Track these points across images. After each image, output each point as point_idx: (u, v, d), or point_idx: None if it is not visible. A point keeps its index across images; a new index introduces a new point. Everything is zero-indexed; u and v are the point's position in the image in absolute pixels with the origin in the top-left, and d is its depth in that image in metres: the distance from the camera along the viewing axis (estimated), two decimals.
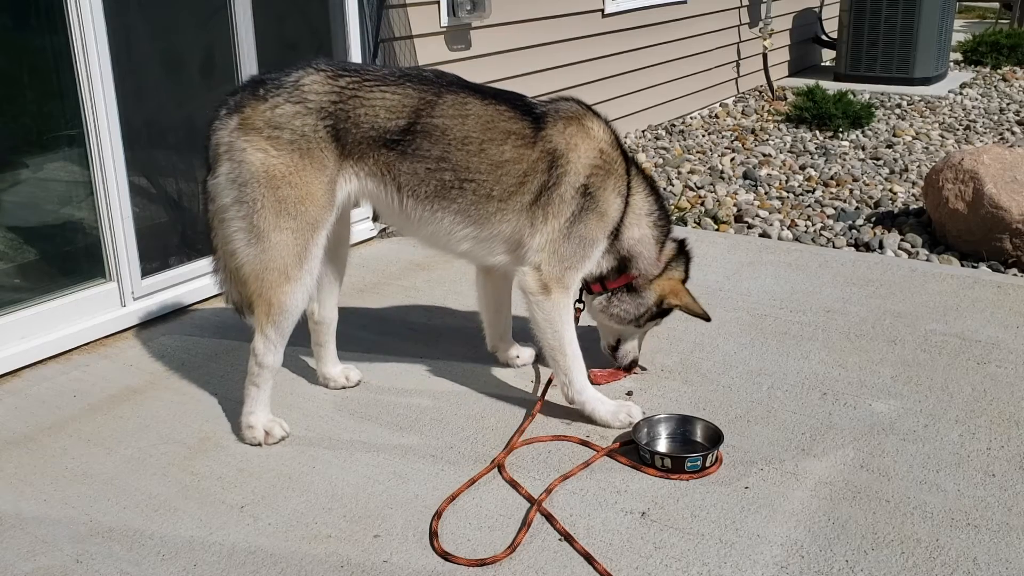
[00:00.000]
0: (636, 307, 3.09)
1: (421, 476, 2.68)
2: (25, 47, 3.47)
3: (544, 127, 2.86)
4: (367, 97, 2.75)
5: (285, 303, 2.75)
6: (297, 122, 2.70)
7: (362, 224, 4.67)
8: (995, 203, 4.44)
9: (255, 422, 2.85)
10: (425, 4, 4.94)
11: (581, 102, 2.99)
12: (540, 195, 2.84)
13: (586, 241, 2.88)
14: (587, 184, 2.85)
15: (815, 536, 2.40)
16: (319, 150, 2.72)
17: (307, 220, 2.72)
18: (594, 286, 3.08)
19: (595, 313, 3.16)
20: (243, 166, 2.69)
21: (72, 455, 2.82)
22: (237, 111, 2.72)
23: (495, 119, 2.84)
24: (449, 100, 2.81)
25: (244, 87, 2.80)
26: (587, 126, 2.90)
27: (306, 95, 2.72)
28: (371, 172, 2.80)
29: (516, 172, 2.83)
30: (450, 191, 2.83)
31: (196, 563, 2.32)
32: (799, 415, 3.00)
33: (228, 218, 2.74)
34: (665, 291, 3.09)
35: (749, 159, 6.53)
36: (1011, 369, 3.28)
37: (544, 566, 2.30)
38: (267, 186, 2.68)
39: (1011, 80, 9.55)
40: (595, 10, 6.47)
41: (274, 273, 2.73)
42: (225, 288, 2.97)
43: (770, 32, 8.55)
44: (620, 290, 3.07)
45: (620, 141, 3.00)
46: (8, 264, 3.55)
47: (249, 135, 2.69)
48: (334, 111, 2.73)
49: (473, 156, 2.81)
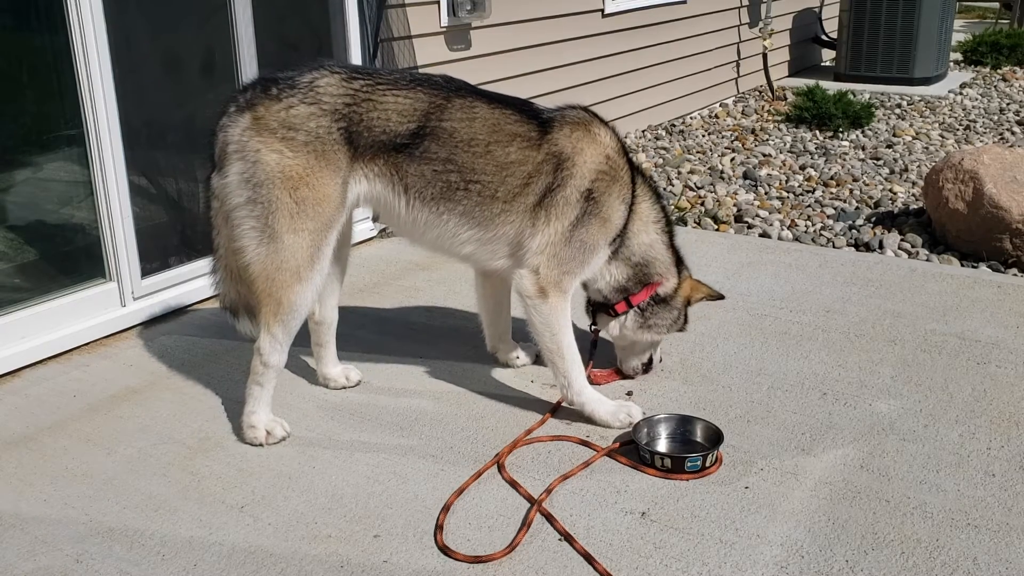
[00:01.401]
0: (670, 313, 3.14)
1: (421, 476, 2.68)
2: (25, 47, 3.47)
3: (551, 131, 2.87)
4: (380, 100, 2.76)
5: (295, 302, 2.75)
6: (312, 123, 2.69)
7: (362, 224, 4.67)
8: (995, 203, 4.44)
9: (256, 422, 2.85)
10: (425, 4, 4.94)
11: (589, 110, 3.00)
12: (544, 197, 2.85)
13: (587, 246, 2.89)
14: (591, 189, 2.86)
15: (815, 536, 2.40)
16: (333, 152, 2.72)
17: (322, 221, 2.73)
18: (618, 306, 3.09)
19: (629, 333, 3.13)
20: (258, 166, 2.68)
21: (72, 455, 2.82)
22: (249, 110, 2.70)
23: (501, 122, 2.85)
24: (457, 104, 2.83)
25: (255, 85, 2.78)
26: (594, 132, 2.91)
27: (321, 96, 2.71)
28: (380, 174, 2.81)
29: (521, 173, 2.84)
30: (456, 192, 2.83)
31: (196, 563, 2.32)
32: (799, 415, 3.00)
33: (239, 217, 2.73)
34: (687, 291, 3.16)
35: (749, 159, 6.53)
36: (1011, 369, 3.28)
37: (544, 566, 2.30)
38: (283, 187, 2.68)
39: (1011, 80, 9.55)
40: (595, 10, 6.47)
41: (286, 273, 2.72)
42: (222, 289, 2.96)
43: (770, 32, 8.54)
44: (648, 303, 3.09)
45: (626, 149, 3.01)
46: (8, 264, 3.55)
47: (263, 135, 2.68)
48: (348, 113, 2.73)
49: (479, 157, 2.81)
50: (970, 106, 8.25)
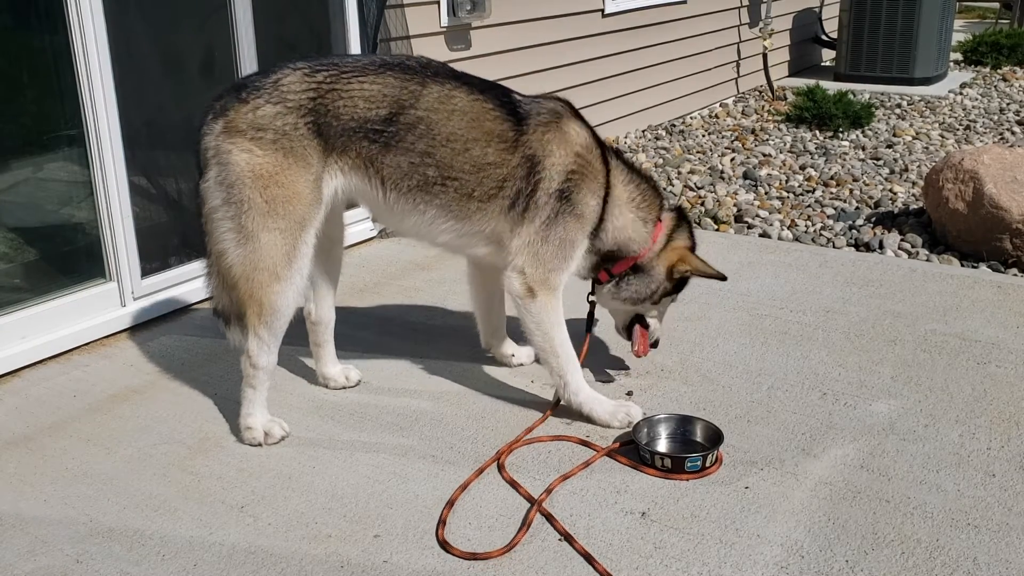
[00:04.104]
0: (646, 285, 3.08)
1: (421, 476, 2.68)
2: (25, 47, 3.47)
3: (525, 131, 2.86)
4: (345, 89, 2.75)
5: (276, 303, 2.75)
6: (279, 122, 2.71)
7: (362, 224, 4.67)
8: (995, 203, 4.44)
9: (254, 423, 2.85)
10: (425, 4, 4.94)
11: (565, 102, 2.97)
12: (517, 200, 2.86)
13: (566, 243, 2.89)
14: (562, 189, 2.85)
15: (815, 536, 2.40)
16: (302, 148, 2.73)
17: (295, 219, 2.73)
18: (601, 275, 3.08)
19: (607, 301, 3.16)
20: (229, 168, 2.71)
21: (72, 455, 2.82)
22: (222, 115, 2.74)
23: (481, 117, 2.83)
24: (435, 92, 2.81)
25: (228, 91, 2.80)
26: (564, 130, 2.89)
27: (285, 94, 2.73)
28: (355, 166, 2.81)
29: (497, 176, 2.84)
30: (433, 187, 2.84)
31: (196, 563, 2.32)
32: (799, 415, 3.00)
33: (217, 219, 2.75)
34: (673, 260, 3.06)
35: (749, 159, 6.53)
36: (1011, 369, 3.28)
37: (544, 566, 2.30)
38: (253, 186, 2.69)
39: (1011, 80, 9.55)
40: (595, 10, 6.47)
41: (263, 273, 2.73)
42: (215, 294, 2.96)
43: (770, 32, 8.54)
44: (627, 273, 3.07)
45: (599, 140, 2.98)
46: (8, 264, 3.55)
47: (234, 138, 2.71)
48: (313, 107, 2.73)
49: (458, 155, 2.81)
50: (970, 106, 8.25)
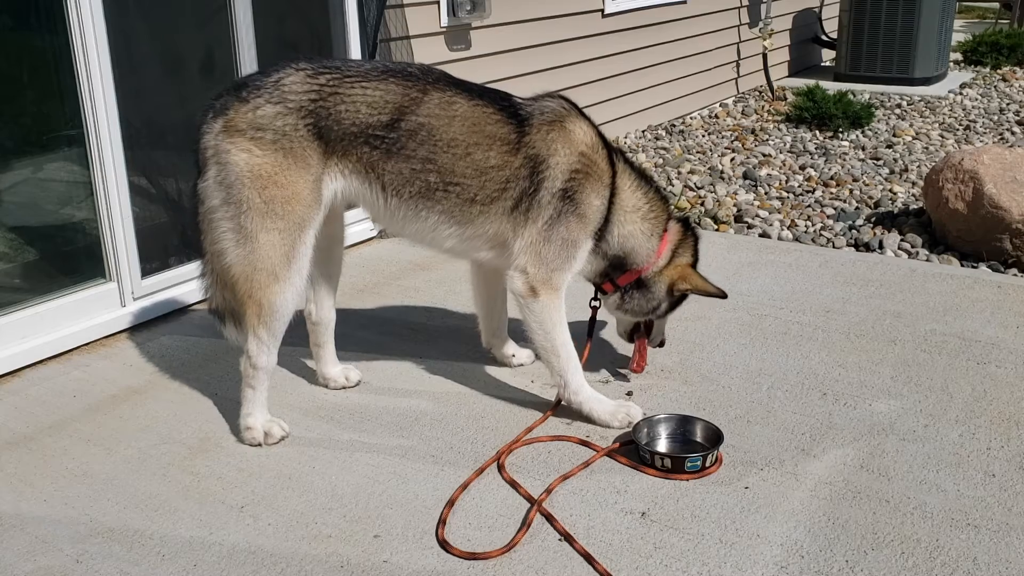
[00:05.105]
0: (648, 300, 3.09)
1: (421, 476, 2.68)
2: (25, 47, 3.47)
3: (527, 132, 2.85)
4: (347, 93, 2.75)
5: (275, 303, 2.75)
6: (279, 122, 2.71)
7: (362, 224, 4.67)
8: (995, 203, 4.44)
9: (253, 423, 2.85)
10: (425, 4, 4.94)
11: (567, 101, 2.97)
12: (521, 201, 2.85)
13: (568, 243, 2.88)
14: (566, 188, 2.85)
15: (815, 536, 2.40)
16: (302, 149, 2.72)
17: (294, 220, 2.73)
18: (605, 286, 3.09)
19: (612, 310, 3.18)
20: (229, 167, 2.70)
21: (72, 455, 2.82)
22: (221, 114, 2.73)
23: (482, 122, 2.83)
24: (436, 98, 2.81)
25: (228, 90, 2.80)
26: (568, 129, 2.88)
27: (286, 95, 2.72)
28: (355, 170, 2.80)
29: (500, 178, 2.84)
30: (434, 192, 2.84)
31: (196, 563, 2.32)
32: (799, 415, 3.00)
33: (216, 219, 2.75)
34: (674, 278, 3.08)
35: (749, 159, 6.53)
36: (1011, 369, 3.28)
37: (544, 566, 2.30)
38: (253, 186, 2.69)
39: (1011, 80, 9.55)
40: (595, 10, 6.47)
41: (263, 273, 2.73)
42: (210, 293, 2.96)
43: (770, 32, 8.54)
44: (631, 286, 3.08)
45: (605, 140, 2.97)
46: (8, 264, 3.55)
47: (233, 137, 2.70)
48: (314, 109, 2.73)
49: (459, 160, 2.81)
50: (970, 106, 8.25)
